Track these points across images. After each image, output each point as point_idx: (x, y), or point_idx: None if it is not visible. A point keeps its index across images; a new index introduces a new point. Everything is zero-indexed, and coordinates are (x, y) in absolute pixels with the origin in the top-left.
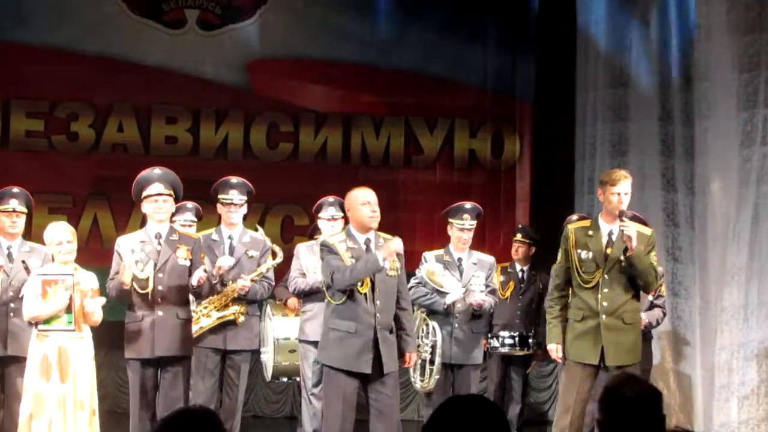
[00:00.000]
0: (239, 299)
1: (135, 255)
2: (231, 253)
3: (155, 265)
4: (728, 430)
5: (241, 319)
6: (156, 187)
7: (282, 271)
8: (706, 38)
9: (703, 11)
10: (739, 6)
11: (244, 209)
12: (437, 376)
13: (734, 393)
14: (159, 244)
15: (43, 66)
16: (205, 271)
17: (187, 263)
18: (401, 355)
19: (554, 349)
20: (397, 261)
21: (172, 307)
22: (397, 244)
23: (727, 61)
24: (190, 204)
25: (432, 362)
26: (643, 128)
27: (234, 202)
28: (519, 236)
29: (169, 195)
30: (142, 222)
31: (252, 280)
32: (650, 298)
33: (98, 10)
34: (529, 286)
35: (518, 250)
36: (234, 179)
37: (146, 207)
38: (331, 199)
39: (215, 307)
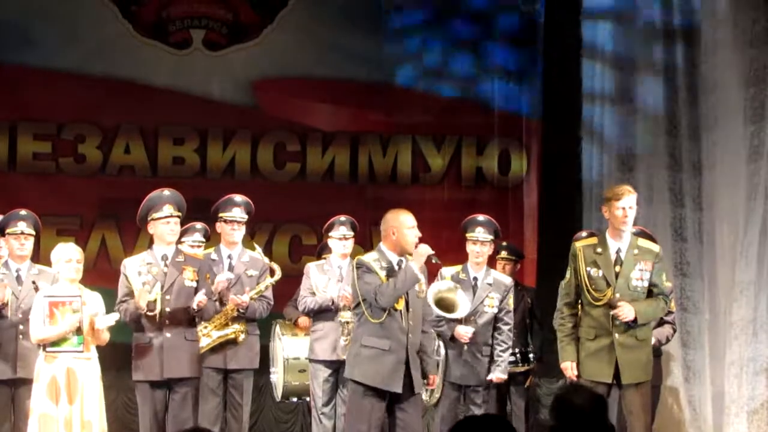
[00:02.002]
0: (239, 318)
1: (142, 277)
2: (231, 272)
3: (162, 287)
4: None
5: (242, 337)
6: (167, 209)
7: (291, 290)
8: (712, 52)
9: (709, 26)
10: (745, 20)
11: (244, 229)
12: (438, 395)
13: (743, 408)
14: (165, 265)
15: (49, 88)
16: (205, 294)
17: (194, 284)
18: (424, 376)
19: (569, 368)
20: (423, 283)
21: (180, 329)
22: (424, 248)
23: (733, 75)
24: (198, 225)
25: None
26: (650, 143)
27: (237, 219)
28: (504, 254)
29: (179, 216)
30: (150, 243)
31: (251, 299)
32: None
33: (104, 32)
34: (519, 303)
35: (505, 267)
36: (237, 197)
37: (157, 228)
38: (342, 218)
39: (215, 327)
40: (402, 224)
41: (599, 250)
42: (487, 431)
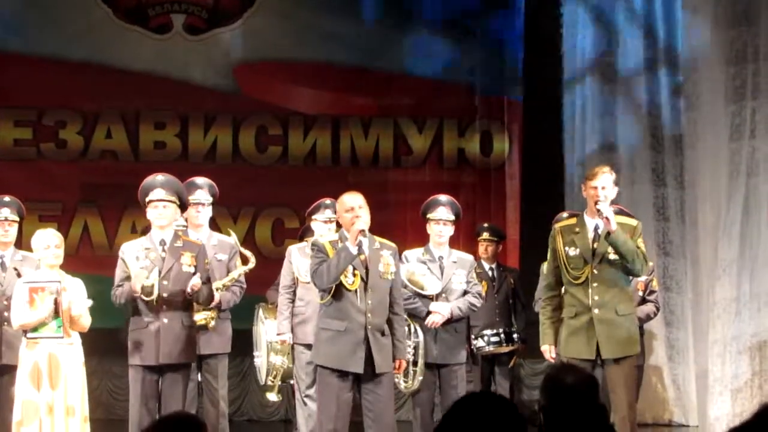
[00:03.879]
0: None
1: (140, 262)
2: None
3: (160, 272)
4: (723, 423)
5: (212, 323)
6: (157, 193)
7: (274, 274)
8: (692, 32)
9: (689, 5)
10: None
11: (210, 211)
12: (420, 377)
13: (728, 386)
14: (163, 251)
15: (30, 74)
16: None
17: (192, 269)
18: (393, 360)
19: (547, 350)
20: (391, 265)
21: (176, 314)
22: (359, 224)
23: (714, 55)
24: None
25: (415, 363)
26: (631, 123)
27: (201, 201)
28: (486, 234)
29: (171, 201)
30: (133, 228)
31: (224, 286)
32: (640, 293)
33: (84, 18)
34: (501, 284)
35: (487, 248)
36: (199, 179)
37: (149, 213)
38: (327, 201)
39: None
40: (340, 209)
41: (577, 229)
42: (486, 409)
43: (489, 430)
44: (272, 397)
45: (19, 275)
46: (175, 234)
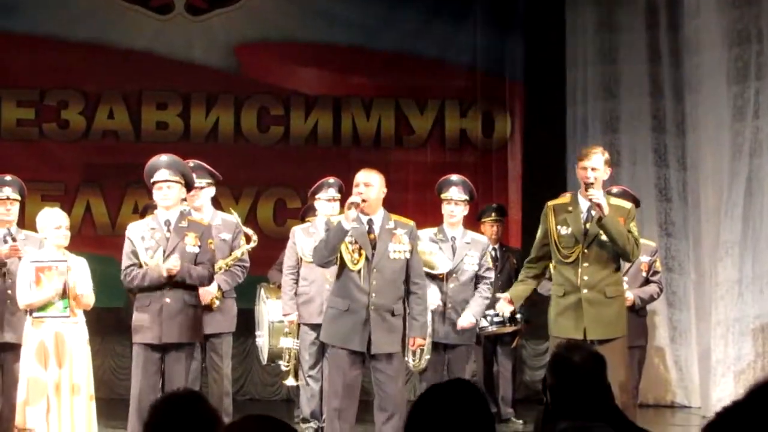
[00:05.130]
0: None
1: (145, 242)
2: None
3: (164, 252)
4: (725, 405)
5: (216, 303)
6: (161, 174)
7: (276, 254)
8: (695, 13)
9: None
10: None
11: (209, 192)
12: (428, 356)
13: (730, 368)
14: (168, 231)
15: (32, 54)
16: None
17: (196, 249)
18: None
19: (505, 299)
20: (405, 244)
21: (180, 294)
22: (353, 197)
23: (716, 36)
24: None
25: None
26: (634, 104)
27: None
28: (494, 215)
29: (176, 182)
30: (135, 208)
31: (227, 265)
32: (644, 274)
33: None
34: (504, 264)
35: (494, 227)
36: (191, 162)
37: (154, 194)
38: (331, 180)
39: None
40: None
41: (570, 208)
42: (452, 398)
43: (456, 418)
44: (290, 381)
45: (14, 251)
46: (181, 214)
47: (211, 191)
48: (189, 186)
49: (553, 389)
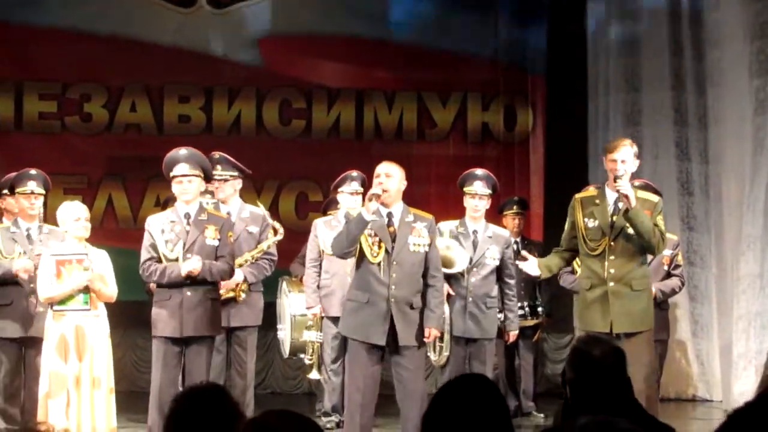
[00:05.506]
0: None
1: (165, 235)
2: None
3: (184, 245)
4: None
5: (242, 296)
6: (181, 168)
7: (298, 247)
8: (716, 6)
9: None
10: None
11: (234, 185)
12: (447, 353)
13: (752, 362)
14: (188, 224)
15: (55, 48)
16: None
17: (216, 242)
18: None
19: (533, 263)
20: (424, 237)
21: (200, 287)
22: (374, 189)
23: (738, 29)
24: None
25: (441, 338)
26: (655, 97)
27: (216, 177)
28: (516, 208)
29: (195, 176)
30: (157, 201)
31: (253, 257)
32: (665, 267)
33: None
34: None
35: (516, 221)
36: (216, 155)
37: (173, 188)
38: (354, 173)
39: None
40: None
41: (597, 201)
42: (469, 393)
43: (473, 413)
44: (314, 375)
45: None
46: (200, 207)
47: (237, 184)
48: (207, 178)
49: (572, 383)
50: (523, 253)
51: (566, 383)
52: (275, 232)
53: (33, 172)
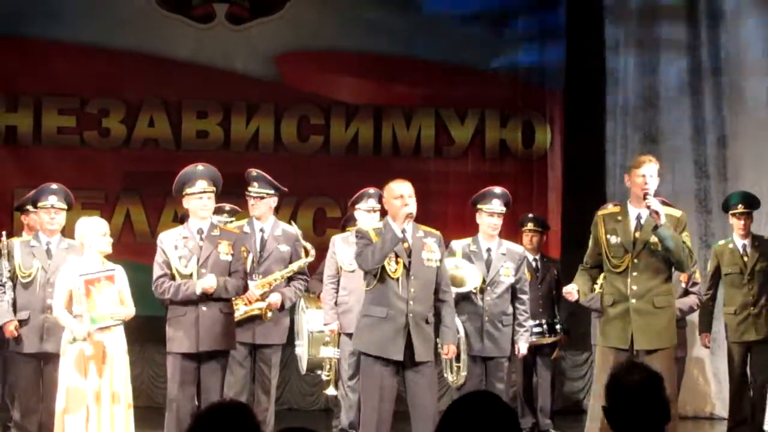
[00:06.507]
0: (266, 293)
1: (178, 251)
2: (262, 247)
3: (198, 260)
4: (763, 417)
5: (269, 314)
6: (200, 185)
7: (315, 264)
8: (734, 23)
9: (731, 3)
10: None
11: (268, 203)
12: (464, 373)
13: None
14: (201, 239)
15: (73, 62)
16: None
17: (229, 258)
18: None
19: (572, 290)
20: (436, 252)
21: (215, 302)
22: (408, 209)
23: (756, 48)
24: (227, 206)
25: (458, 358)
26: (674, 115)
27: (252, 194)
28: (531, 225)
29: (213, 192)
30: (175, 216)
31: (282, 277)
32: (683, 284)
33: (128, 6)
34: (545, 275)
35: (532, 239)
36: (254, 171)
37: (190, 204)
38: (371, 190)
39: (242, 301)
40: (389, 195)
41: (619, 218)
42: (479, 411)
43: (483, 430)
44: (331, 391)
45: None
46: (212, 223)
47: (273, 202)
48: (218, 195)
49: (610, 413)
50: (568, 289)
51: (604, 412)
52: (306, 253)
53: (54, 186)
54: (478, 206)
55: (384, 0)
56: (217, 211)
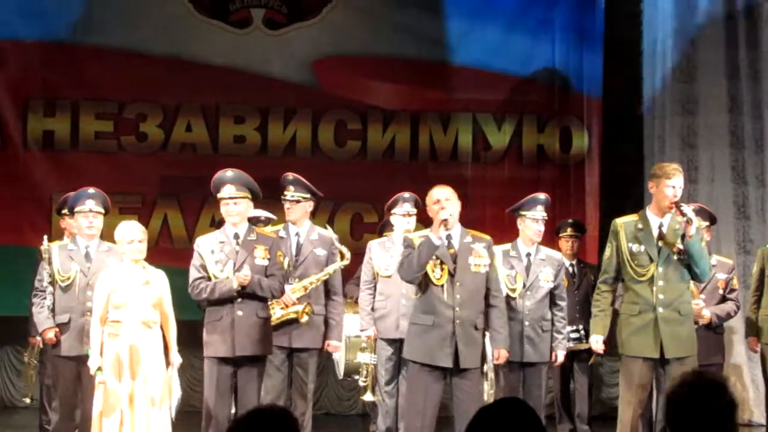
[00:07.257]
0: (303, 298)
1: (215, 255)
2: (298, 251)
3: (234, 265)
4: None
5: (305, 318)
6: (227, 190)
7: (353, 268)
8: None
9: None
10: None
11: (304, 207)
12: (492, 390)
13: None
14: (237, 244)
15: (111, 67)
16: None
17: (266, 262)
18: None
19: (596, 341)
20: (485, 257)
21: (251, 307)
22: (442, 214)
23: None
24: (263, 216)
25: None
26: (711, 121)
27: (287, 198)
28: (570, 230)
29: (243, 197)
30: (212, 221)
31: (318, 280)
32: (720, 291)
33: (165, 12)
34: (582, 280)
35: (573, 245)
36: (290, 176)
37: (221, 209)
38: (406, 195)
39: (278, 305)
40: (429, 202)
41: (640, 226)
42: (507, 417)
43: None
44: (368, 397)
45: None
46: (249, 227)
47: (309, 206)
48: (255, 198)
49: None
50: (595, 348)
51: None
52: (342, 256)
53: (91, 191)
54: (522, 212)
55: (420, 5)
56: (252, 222)
